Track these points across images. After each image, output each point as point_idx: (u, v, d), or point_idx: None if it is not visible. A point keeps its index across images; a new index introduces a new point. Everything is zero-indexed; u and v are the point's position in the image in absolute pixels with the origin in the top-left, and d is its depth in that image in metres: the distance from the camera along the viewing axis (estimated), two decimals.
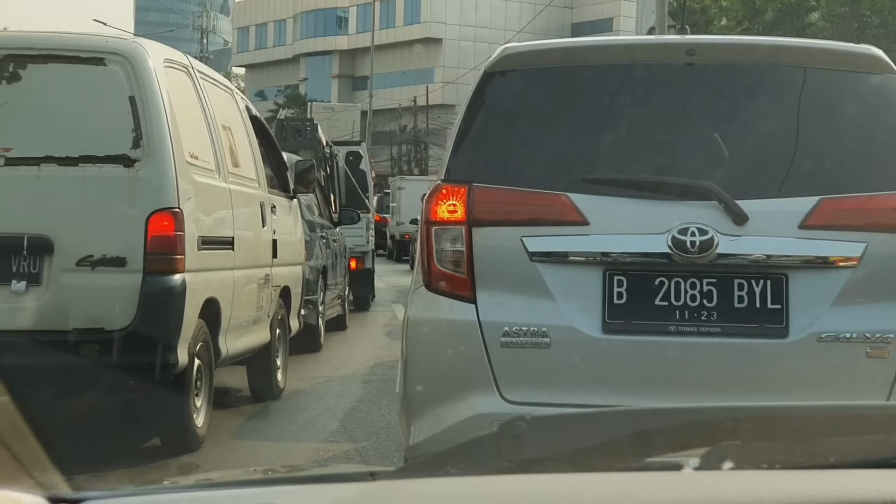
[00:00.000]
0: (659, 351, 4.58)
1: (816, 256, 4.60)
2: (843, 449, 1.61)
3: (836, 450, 1.60)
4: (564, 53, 5.17)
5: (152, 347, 6.99)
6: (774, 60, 4.96)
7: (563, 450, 1.65)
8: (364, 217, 18.78)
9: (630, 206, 4.63)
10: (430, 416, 4.71)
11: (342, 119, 70.00)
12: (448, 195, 4.73)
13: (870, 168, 4.78)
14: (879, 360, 4.53)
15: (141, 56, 7.24)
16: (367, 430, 8.36)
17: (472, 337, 4.61)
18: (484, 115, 4.91)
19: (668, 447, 1.60)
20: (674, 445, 1.60)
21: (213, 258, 7.71)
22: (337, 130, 61.53)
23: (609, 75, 4.94)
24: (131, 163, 7.06)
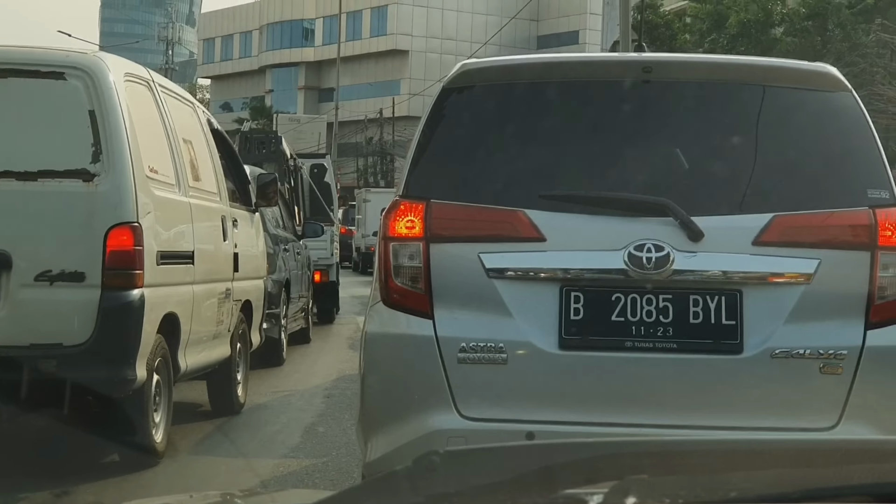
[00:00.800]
0: (615, 367, 4.61)
1: (770, 273, 4.63)
2: (744, 484, 1.61)
3: (738, 484, 1.60)
4: (522, 70, 5.20)
5: (110, 363, 6.96)
6: (730, 78, 5.00)
7: (473, 485, 1.65)
8: (328, 230, 18.75)
9: (587, 223, 4.66)
10: (387, 433, 4.71)
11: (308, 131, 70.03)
12: (406, 211, 4.74)
13: (823, 185, 4.81)
14: (833, 377, 4.56)
15: (101, 70, 7.21)
16: (328, 446, 8.34)
17: (430, 353, 4.62)
18: (442, 131, 4.94)
19: (575, 482, 1.61)
20: (579, 480, 1.61)
21: (172, 273, 7.69)
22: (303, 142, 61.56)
23: (566, 92, 4.97)
24: (90, 177, 7.03)
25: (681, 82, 4.98)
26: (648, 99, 4.91)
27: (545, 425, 4.51)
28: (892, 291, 4.65)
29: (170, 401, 7.80)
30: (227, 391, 9.58)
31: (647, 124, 4.92)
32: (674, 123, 4.94)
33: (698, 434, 4.45)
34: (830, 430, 4.53)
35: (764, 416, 4.54)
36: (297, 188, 18.22)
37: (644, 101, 4.92)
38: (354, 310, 22.31)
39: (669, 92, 4.94)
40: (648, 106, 4.93)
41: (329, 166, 22.58)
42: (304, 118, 76.87)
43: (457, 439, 4.51)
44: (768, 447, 1.84)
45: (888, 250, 4.65)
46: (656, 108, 4.94)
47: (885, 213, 4.68)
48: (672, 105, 4.96)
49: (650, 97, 4.91)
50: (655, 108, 4.94)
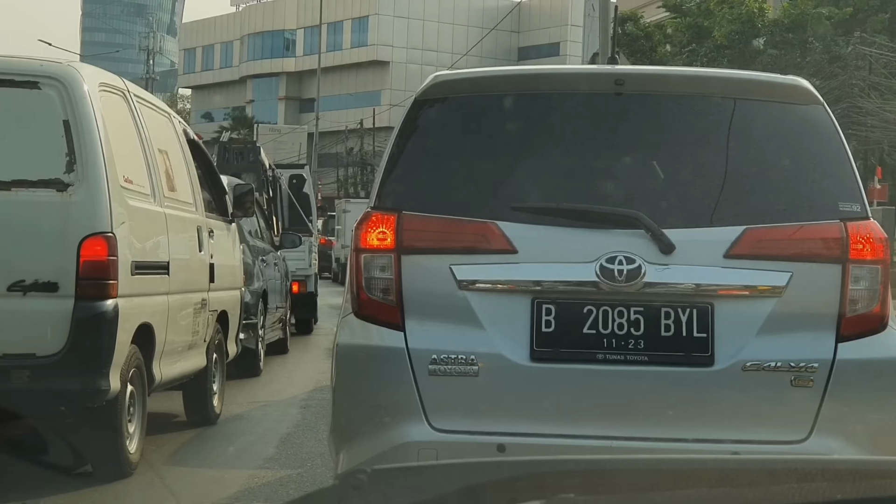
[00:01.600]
0: (587, 379, 4.61)
1: (741, 286, 4.64)
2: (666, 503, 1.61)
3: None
4: (495, 82, 5.21)
5: (84, 373, 6.93)
6: (702, 91, 5.03)
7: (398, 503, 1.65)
8: (307, 240, 18.72)
9: (558, 235, 4.66)
10: (358, 445, 4.71)
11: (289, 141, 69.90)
12: (377, 223, 4.74)
13: (795, 198, 4.81)
14: (804, 389, 4.58)
15: (75, 80, 7.19)
16: (303, 457, 8.32)
17: (401, 365, 4.62)
18: (414, 143, 4.95)
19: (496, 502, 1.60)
20: (501, 500, 1.60)
21: (147, 283, 7.66)
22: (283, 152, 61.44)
23: (539, 104, 4.98)
24: (64, 187, 7.01)
25: (653, 95, 4.99)
26: (621, 112, 4.93)
27: (516, 437, 4.53)
28: (863, 305, 4.67)
29: (144, 411, 7.77)
30: (202, 402, 9.55)
31: (619, 137, 4.93)
32: (646, 136, 4.95)
33: (669, 447, 4.47)
34: (801, 443, 4.54)
35: (735, 428, 4.55)
36: (275, 199, 18.20)
37: (616, 114, 4.93)
38: (333, 320, 22.18)
39: (642, 105, 4.95)
40: (621, 118, 4.94)
41: (308, 177, 22.53)
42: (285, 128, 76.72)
43: (427, 451, 4.51)
44: (693, 466, 1.83)
45: (859, 263, 4.66)
46: (628, 121, 4.94)
47: (856, 227, 4.70)
48: (644, 118, 4.96)
49: (622, 110, 4.92)
50: (628, 121, 4.94)
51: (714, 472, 1.76)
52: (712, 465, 1.83)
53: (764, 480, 1.68)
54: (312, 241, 20.37)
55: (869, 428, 4.69)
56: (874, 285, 4.67)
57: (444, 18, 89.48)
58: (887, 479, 1.71)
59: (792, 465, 1.80)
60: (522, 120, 4.97)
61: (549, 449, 4.47)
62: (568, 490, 1.58)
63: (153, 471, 7.69)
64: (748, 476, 1.70)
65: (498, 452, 4.49)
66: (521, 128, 4.96)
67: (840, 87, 43.91)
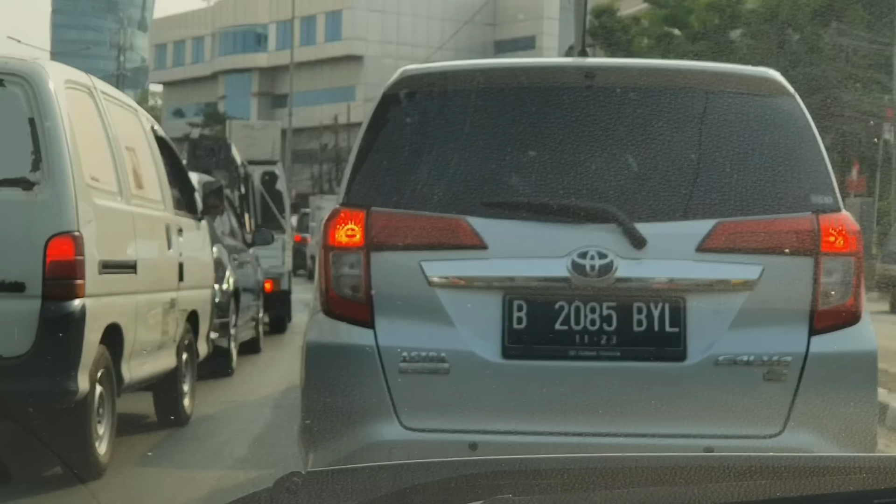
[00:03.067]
0: (559, 376, 4.59)
1: (713, 280, 4.62)
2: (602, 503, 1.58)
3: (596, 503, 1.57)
4: (465, 76, 5.16)
5: (52, 374, 6.86)
6: (673, 83, 5.00)
7: None
8: (280, 238, 18.64)
9: (529, 230, 4.64)
10: (328, 444, 4.67)
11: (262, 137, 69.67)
12: (346, 219, 4.70)
13: (767, 191, 4.78)
14: (777, 384, 4.56)
15: (41, 77, 7.10)
16: (276, 457, 8.25)
17: (371, 363, 4.58)
18: (383, 138, 4.91)
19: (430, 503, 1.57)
20: (436, 501, 1.56)
21: (114, 283, 7.58)
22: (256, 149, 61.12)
23: (509, 98, 4.93)
24: (30, 186, 6.93)
25: (624, 88, 4.96)
26: (591, 105, 4.89)
27: (489, 435, 4.49)
28: (836, 297, 4.65)
29: (113, 412, 7.69)
30: (172, 402, 9.47)
31: (590, 130, 4.88)
32: (617, 129, 4.90)
33: (643, 443, 4.44)
34: (775, 438, 4.51)
35: (708, 423, 4.53)
36: (247, 196, 18.12)
37: (587, 107, 4.89)
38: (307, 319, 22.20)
39: (612, 97, 4.92)
40: (591, 112, 4.89)
41: (281, 173, 22.43)
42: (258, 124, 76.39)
43: (398, 451, 4.48)
44: (628, 464, 1.81)
45: (832, 256, 4.65)
46: (599, 114, 4.89)
47: (828, 219, 4.68)
48: (615, 111, 4.92)
49: (593, 103, 4.88)
50: (598, 114, 4.89)
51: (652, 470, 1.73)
52: (648, 463, 1.80)
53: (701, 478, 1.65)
54: (286, 239, 20.29)
55: (842, 421, 4.67)
56: (847, 278, 4.66)
57: (419, 12, 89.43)
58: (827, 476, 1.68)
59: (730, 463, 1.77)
60: (492, 114, 4.93)
61: (522, 447, 4.44)
62: (504, 490, 1.54)
63: (123, 472, 7.62)
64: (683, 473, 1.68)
65: (470, 451, 4.45)
66: (491, 122, 4.92)
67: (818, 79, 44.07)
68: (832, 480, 1.66)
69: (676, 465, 1.80)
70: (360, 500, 1.61)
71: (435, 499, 1.57)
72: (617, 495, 1.61)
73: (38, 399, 6.96)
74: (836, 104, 42.57)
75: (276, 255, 18.98)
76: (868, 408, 4.77)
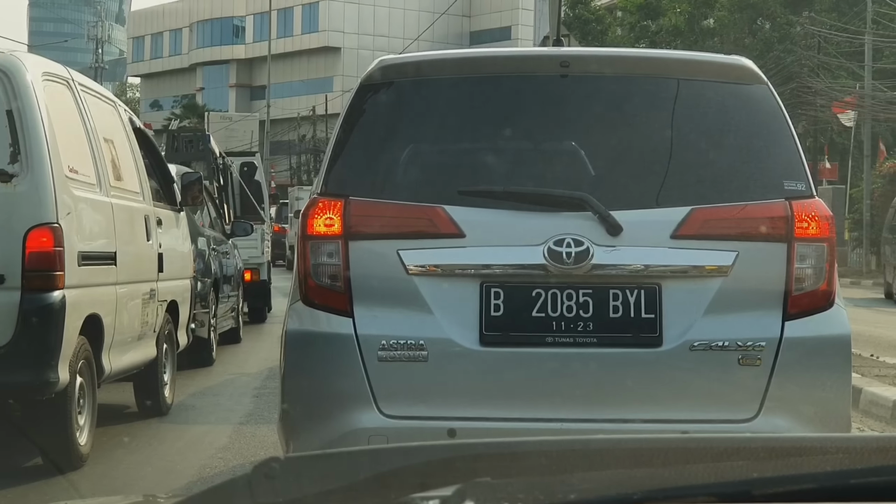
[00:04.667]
0: (536, 362, 4.62)
1: (688, 266, 4.66)
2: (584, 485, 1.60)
3: (577, 486, 1.59)
4: (440, 65, 5.19)
5: (32, 365, 6.87)
6: (647, 72, 5.04)
7: (307, 493, 1.64)
8: (259, 228, 18.64)
9: (506, 218, 4.66)
10: (308, 433, 4.69)
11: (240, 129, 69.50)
12: (324, 209, 4.71)
13: (740, 177, 4.83)
14: (752, 368, 4.59)
15: (18, 69, 7.11)
16: (257, 446, 8.28)
17: (349, 351, 4.60)
18: (360, 128, 4.93)
19: (407, 488, 1.59)
20: (413, 486, 1.59)
21: (94, 274, 7.60)
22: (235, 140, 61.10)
23: (485, 87, 4.96)
24: (9, 178, 6.93)
25: (598, 77, 5.00)
26: (566, 93, 4.92)
27: (467, 422, 4.52)
28: (809, 283, 4.69)
29: (94, 403, 7.71)
30: (153, 392, 9.49)
31: (565, 119, 4.93)
32: (592, 118, 4.95)
33: (619, 427, 4.50)
34: (750, 422, 4.56)
35: (684, 408, 4.58)
36: (226, 187, 18.11)
37: (562, 96, 4.92)
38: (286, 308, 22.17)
39: (587, 86, 4.96)
40: (567, 100, 4.93)
41: (259, 164, 22.43)
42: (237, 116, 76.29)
43: (378, 438, 4.50)
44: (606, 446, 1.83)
45: (805, 242, 4.68)
46: (575, 103, 4.94)
47: (801, 205, 4.72)
48: (590, 99, 4.97)
49: (568, 92, 4.92)
50: (574, 103, 4.94)
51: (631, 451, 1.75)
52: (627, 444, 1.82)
53: (679, 460, 1.67)
54: (265, 229, 20.30)
55: (817, 405, 4.72)
56: (820, 263, 4.70)
57: (395, 3, 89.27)
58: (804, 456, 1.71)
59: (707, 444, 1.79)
60: (468, 103, 4.97)
61: (500, 432, 4.48)
62: (479, 474, 1.57)
63: (104, 462, 7.63)
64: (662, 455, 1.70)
65: (448, 437, 4.46)
66: (468, 111, 4.97)
67: (790, 67, 44.18)
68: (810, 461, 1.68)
69: (654, 446, 1.81)
70: (339, 485, 1.63)
71: (413, 482, 1.59)
72: (596, 476, 1.62)
73: (19, 390, 6.97)
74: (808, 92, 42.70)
75: (255, 245, 18.99)
76: (842, 391, 4.83)
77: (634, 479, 1.59)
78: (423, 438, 4.38)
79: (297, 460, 1.73)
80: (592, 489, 1.57)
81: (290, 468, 1.68)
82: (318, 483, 1.64)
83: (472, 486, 1.52)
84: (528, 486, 1.56)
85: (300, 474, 1.69)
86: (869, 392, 10.09)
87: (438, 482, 1.55)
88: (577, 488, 1.54)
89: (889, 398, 9.69)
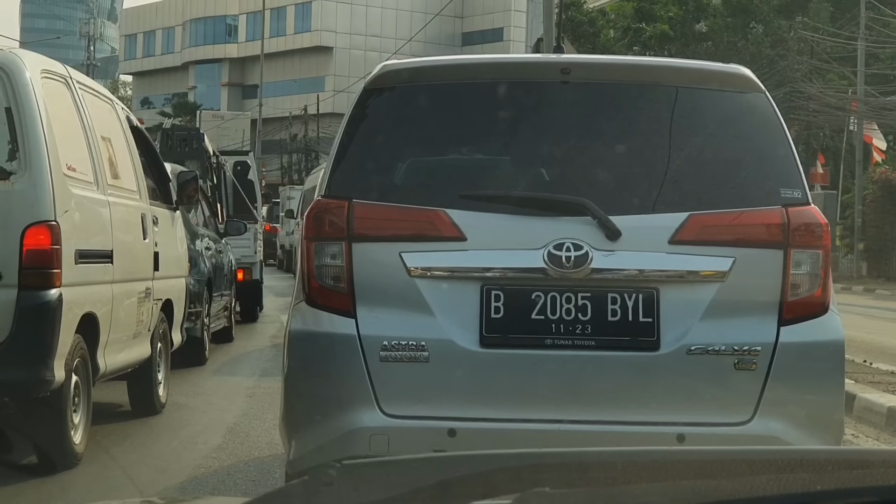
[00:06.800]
0: (535, 364, 4.66)
1: (686, 271, 4.71)
2: (646, 496, 1.60)
3: (639, 497, 1.59)
4: (442, 71, 5.25)
5: (27, 363, 6.87)
6: (647, 79, 5.10)
7: (370, 499, 1.63)
8: (252, 228, 18.63)
9: (507, 222, 4.71)
10: (310, 431, 4.74)
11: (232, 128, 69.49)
12: (328, 211, 4.77)
13: (738, 184, 4.89)
14: (747, 372, 4.65)
15: (17, 67, 7.10)
16: (251, 446, 8.28)
17: (352, 351, 4.64)
18: (363, 132, 4.98)
19: (472, 495, 1.59)
20: (477, 494, 1.58)
21: (90, 272, 7.59)
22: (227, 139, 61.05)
23: (486, 93, 5.01)
24: (7, 175, 6.93)
25: (598, 83, 5.05)
26: (567, 100, 4.97)
27: (467, 422, 4.58)
28: (804, 289, 4.75)
29: (89, 402, 7.70)
30: (147, 391, 9.48)
31: (565, 125, 4.98)
32: (592, 124, 5.01)
33: (616, 430, 4.56)
34: (745, 425, 4.62)
35: (680, 411, 4.64)
36: (219, 186, 18.10)
37: (563, 102, 4.98)
38: (278, 308, 22.18)
39: (587, 93, 5.01)
40: (567, 107, 4.99)
41: (252, 163, 22.38)
42: (228, 115, 76.28)
43: (379, 437, 4.57)
44: (670, 458, 1.82)
45: (801, 249, 4.75)
46: (575, 109, 5.00)
47: (797, 212, 4.78)
48: (590, 106, 5.03)
49: (569, 98, 4.97)
50: (574, 109, 5.00)
51: (691, 463, 1.75)
52: (689, 456, 1.82)
53: (742, 471, 1.67)
54: (257, 229, 20.28)
55: (811, 409, 4.77)
56: (815, 270, 4.76)
57: (388, 4, 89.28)
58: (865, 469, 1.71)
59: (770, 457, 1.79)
60: (470, 108, 5.03)
61: (499, 433, 4.56)
62: (543, 483, 1.56)
63: (98, 462, 7.63)
64: (726, 468, 1.69)
65: (449, 437, 4.54)
66: (469, 116, 5.03)
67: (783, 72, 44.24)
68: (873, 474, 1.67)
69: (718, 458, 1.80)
70: (401, 491, 1.62)
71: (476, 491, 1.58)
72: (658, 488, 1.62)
73: (14, 388, 6.95)
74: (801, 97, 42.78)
75: (247, 244, 18.97)
76: (835, 395, 4.88)
77: (697, 490, 1.59)
78: (423, 438, 4.51)
79: (354, 467, 1.72)
80: (654, 501, 1.57)
81: (347, 475, 1.67)
82: (379, 490, 1.63)
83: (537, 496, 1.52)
84: (590, 497, 1.56)
85: (358, 481, 1.68)
86: (863, 398, 10.11)
87: (502, 491, 1.55)
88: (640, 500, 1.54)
89: (883, 405, 9.71)
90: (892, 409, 9.52)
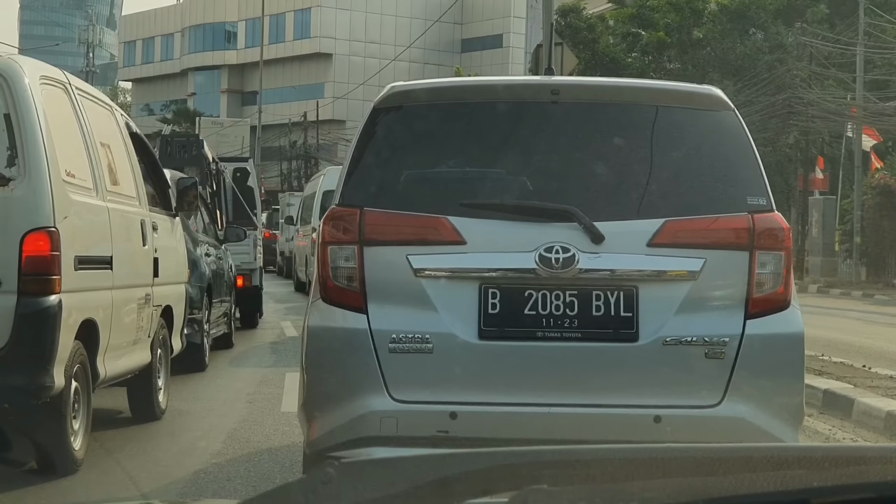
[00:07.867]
0: (528, 354, 5.24)
1: (662, 271, 5.28)
2: (645, 493, 1.61)
3: (638, 494, 1.60)
4: (446, 92, 5.92)
5: (27, 370, 6.87)
6: (628, 99, 5.72)
7: (368, 497, 1.64)
8: (251, 234, 18.65)
9: (502, 228, 5.28)
10: (326, 414, 5.28)
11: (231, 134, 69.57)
12: (342, 218, 5.34)
13: (709, 193, 5.44)
14: (717, 361, 5.21)
15: (16, 73, 7.11)
16: (250, 451, 8.29)
17: (364, 343, 5.21)
18: (373, 147, 5.57)
19: (470, 493, 1.60)
20: (475, 491, 1.60)
21: (90, 278, 7.61)
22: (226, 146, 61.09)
23: (485, 111, 5.62)
24: (6, 181, 6.94)
25: (585, 103, 5.68)
26: (556, 118, 5.58)
27: (467, 406, 5.17)
28: (768, 287, 5.32)
29: (89, 408, 7.71)
30: (147, 398, 9.50)
31: (555, 140, 5.61)
32: (578, 139, 5.62)
33: (599, 412, 5.16)
34: (715, 408, 5.17)
35: (657, 396, 5.21)
36: (219, 192, 18.09)
37: (552, 120, 5.58)
38: (278, 314, 22.20)
39: (575, 112, 5.63)
40: (556, 124, 5.59)
41: (252, 170, 22.40)
42: (228, 121, 76.42)
43: (388, 419, 5.15)
44: (667, 455, 1.83)
45: (765, 251, 5.31)
46: (563, 126, 5.59)
47: (762, 218, 5.34)
48: (577, 123, 5.62)
49: (558, 116, 5.57)
50: (562, 126, 5.59)
51: (689, 460, 1.76)
52: (687, 453, 1.84)
53: (740, 468, 1.68)
54: (257, 235, 20.30)
55: (774, 394, 5.34)
56: (778, 269, 5.33)
57: (387, 10, 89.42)
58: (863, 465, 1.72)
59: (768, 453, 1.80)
60: (470, 125, 5.62)
61: (496, 416, 5.17)
62: (541, 481, 1.58)
63: (98, 467, 7.64)
64: (723, 464, 1.71)
65: (450, 419, 5.11)
66: (469, 132, 5.63)
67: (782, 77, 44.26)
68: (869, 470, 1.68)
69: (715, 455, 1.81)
70: (401, 489, 1.64)
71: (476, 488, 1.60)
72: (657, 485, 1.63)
73: (14, 394, 6.95)
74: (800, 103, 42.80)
75: (247, 251, 19.00)
76: (796, 381, 5.43)
77: (695, 487, 1.60)
78: (427, 420, 5.13)
79: (353, 465, 1.73)
80: (653, 498, 1.58)
81: (347, 473, 1.69)
82: (378, 488, 1.64)
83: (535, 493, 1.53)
84: (588, 494, 1.57)
85: (357, 479, 1.70)
86: (862, 403, 10.12)
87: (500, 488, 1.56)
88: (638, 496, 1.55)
89: (882, 409, 9.72)
90: (891, 414, 9.54)
